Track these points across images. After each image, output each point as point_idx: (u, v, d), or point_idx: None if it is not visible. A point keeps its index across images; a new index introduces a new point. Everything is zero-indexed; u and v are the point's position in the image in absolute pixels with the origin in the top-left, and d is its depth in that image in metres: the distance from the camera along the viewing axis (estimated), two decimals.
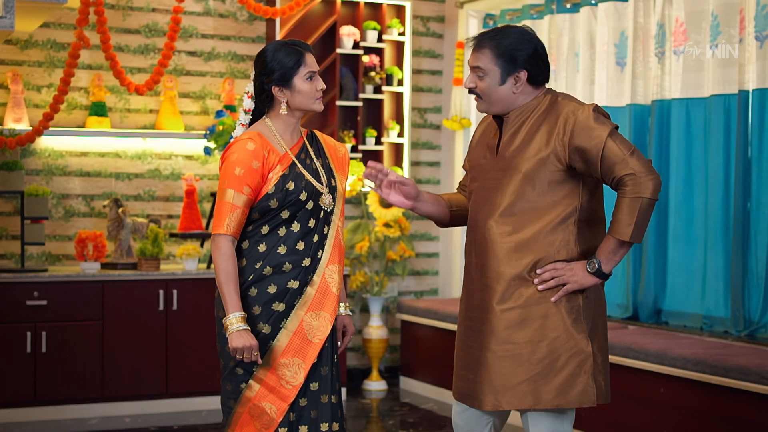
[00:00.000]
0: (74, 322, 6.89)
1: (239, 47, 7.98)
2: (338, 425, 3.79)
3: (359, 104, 8.24)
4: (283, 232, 3.72)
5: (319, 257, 3.77)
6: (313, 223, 3.76)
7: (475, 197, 3.79)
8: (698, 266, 6.32)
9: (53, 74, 7.39)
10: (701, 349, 5.65)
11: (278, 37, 7.81)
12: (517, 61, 3.65)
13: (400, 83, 8.43)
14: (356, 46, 8.24)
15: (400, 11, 8.46)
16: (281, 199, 3.68)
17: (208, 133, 7.36)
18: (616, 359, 5.93)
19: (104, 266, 7.18)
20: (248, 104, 4.02)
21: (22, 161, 7.13)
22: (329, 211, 3.79)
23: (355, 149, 8.18)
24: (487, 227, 3.68)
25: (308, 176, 3.75)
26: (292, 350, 3.71)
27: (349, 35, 8.19)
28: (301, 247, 3.73)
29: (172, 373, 7.13)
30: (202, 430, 6.72)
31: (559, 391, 3.58)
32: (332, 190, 3.81)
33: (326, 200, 3.78)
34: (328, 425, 3.75)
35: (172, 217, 7.74)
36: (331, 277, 3.78)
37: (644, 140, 6.63)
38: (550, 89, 3.75)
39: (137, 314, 7.04)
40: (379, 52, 8.37)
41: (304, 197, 3.71)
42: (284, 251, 3.71)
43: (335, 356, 3.83)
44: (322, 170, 3.82)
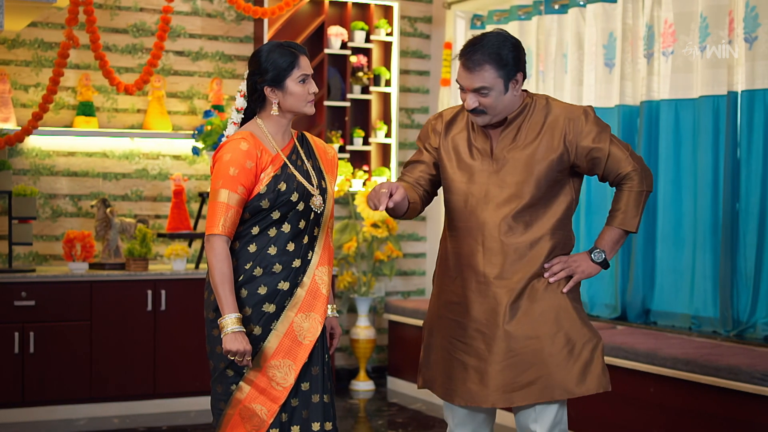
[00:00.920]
0: (62, 322, 6.87)
1: (227, 47, 7.97)
2: (331, 424, 3.78)
3: (347, 104, 8.24)
4: (273, 233, 3.71)
5: (309, 258, 3.77)
6: (303, 224, 3.75)
7: (473, 200, 3.78)
8: (687, 266, 6.34)
9: (41, 74, 7.36)
10: (691, 349, 5.67)
11: (266, 37, 7.80)
12: (514, 65, 3.69)
13: (387, 84, 8.44)
14: (344, 46, 8.24)
15: (387, 12, 8.46)
16: (272, 199, 3.68)
17: (196, 133, 7.34)
18: (606, 359, 5.94)
19: (92, 266, 7.16)
20: (241, 103, 4.03)
21: (9, 161, 7.10)
22: (319, 212, 3.79)
23: (342, 149, 8.17)
24: (500, 229, 3.73)
25: (299, 177, 3.75)
26: (282, 352, 3.70)
27: (336, 35, 8.19)
28: (291, 248, 3.72)
29: (160, 373, 7.11)
30: (190, 430, 6.71)
31: (579, 379, 3.67)
32: (322, 191, 3.81)
33: (317, 201, 3.78)
34: (320, 425, 3.74)
35: (159, 217, 7.72)
36: (321, 278, 3.77)
37: (633, 141, 6.65)
38: (524, 89, 3.83)
39: (125, 315, 7.03)
40: (366, 52, 8.37)
41: (295, 198, 3.71)
42: (274, 252, 3.70)
43: (326, 355, 3.83)
44: (312, 172, 3.81)
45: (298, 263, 3.73)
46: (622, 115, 6.66)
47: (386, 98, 8.50)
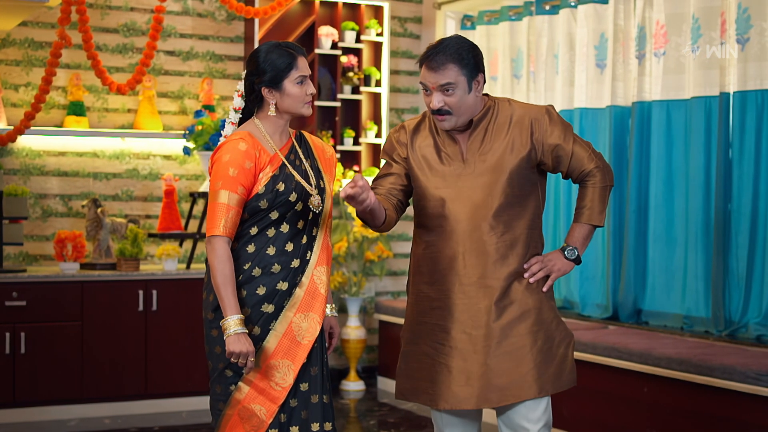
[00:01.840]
0: (53, 322, 6.85)
1: (218, 47, 7.95)
2: (330, 425, 3.79)
3: (337, 105, 8.25)
4: (272, 233, 3.71)
5: (307, 259, 3.77)
6: (302, 224, 3.75)
7: (450, 204, 3.80)
8: (679, 267, 6.36)
9: (31, 73, 7.34)
10: (684, 348, 5.69)
11: (257, 36, 7.79)
12: (476, 66, 3.74)
13: (378, 84, 8.44)
14: (334, 46, 8.24)
15: (378, 12, 8.47)
16: (271, 199, 3.68)
17: (187, 133, 7.33)
18: (599, 359, 5.97)
19: (83, 266, 7.14)
20: (238, 102, 4.02)
21: None
22: (318, 212, 3.79)
23: (333, 149, 8.16)
24: (481, 230, 3.76)
25: (298, 177, 3.75)
26: (281, 352, 3.70)
27: (327, 36, 8.19)
28: (289, 248, 3.72)
29: (151, 373, 7.10)
30: (182, 430, 6.70)
31: (556, 375, 3.75)
32: (321, 191, 3.81)
33: (315, 201, 3.78)
34: (319, 425, 3.74)
35: (150, 217, 7.70)
36: (319, 278, 3.78)
37: (624, 142, 6.67)
38: (485, 93, 3.89)
39: (117, 315, 7.01)
40: (357, 52, 8.37)
41: (293, 198, 3.71)
42: (273, 252, 3.70)
43: (325, 356, 3.83)
44: (311, 171, 3.82)
45: (296, 263, 3.73)
46: (613, 115, 6.67)
47: (376, 98, 8.50)
